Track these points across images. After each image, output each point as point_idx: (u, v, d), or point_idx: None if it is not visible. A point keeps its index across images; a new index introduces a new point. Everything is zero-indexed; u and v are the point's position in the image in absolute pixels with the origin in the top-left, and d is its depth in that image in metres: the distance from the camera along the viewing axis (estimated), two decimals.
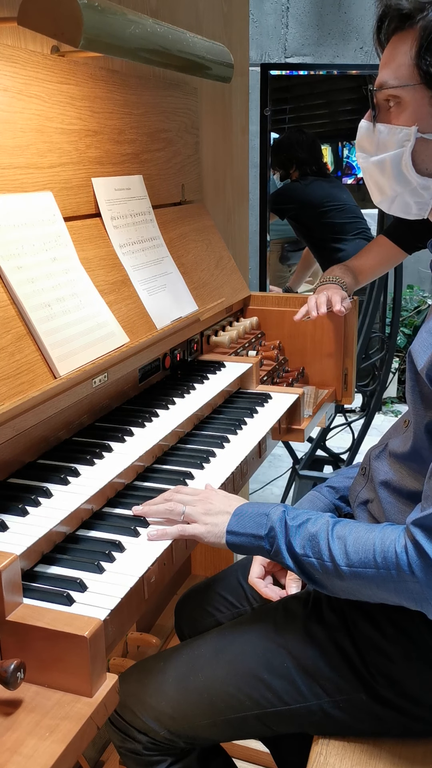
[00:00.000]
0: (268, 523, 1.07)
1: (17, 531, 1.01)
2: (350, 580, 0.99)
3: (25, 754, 0.77)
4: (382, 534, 0.99)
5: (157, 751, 1.22)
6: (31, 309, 1.21)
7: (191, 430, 1.50)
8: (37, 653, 0.85)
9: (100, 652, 0.86)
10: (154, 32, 1.35)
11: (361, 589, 1.00)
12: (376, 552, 0.97)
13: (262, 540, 1.07)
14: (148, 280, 1.60)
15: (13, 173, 1.29)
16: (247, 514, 1.11)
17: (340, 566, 0.99)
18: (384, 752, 1.11)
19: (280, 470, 3.70)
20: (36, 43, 1.37)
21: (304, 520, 1.06)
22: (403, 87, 1.02)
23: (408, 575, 0.94)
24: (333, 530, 1.03)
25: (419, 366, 1.02)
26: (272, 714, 1.15)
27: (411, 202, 1.10)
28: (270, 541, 1.07)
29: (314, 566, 1.03)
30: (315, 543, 1.03)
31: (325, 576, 1.02)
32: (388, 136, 1.06)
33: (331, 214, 3.42)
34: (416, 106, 1.02)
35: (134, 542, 1.08)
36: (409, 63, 1.00)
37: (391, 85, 1.03)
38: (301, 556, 1.04)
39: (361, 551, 0.99)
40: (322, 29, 4.82)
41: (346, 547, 1.00)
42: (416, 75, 1.00)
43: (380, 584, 0.97)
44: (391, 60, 1.03)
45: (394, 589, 0.97)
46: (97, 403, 1.41)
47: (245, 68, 2.47)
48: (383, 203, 1.14)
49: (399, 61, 1.02)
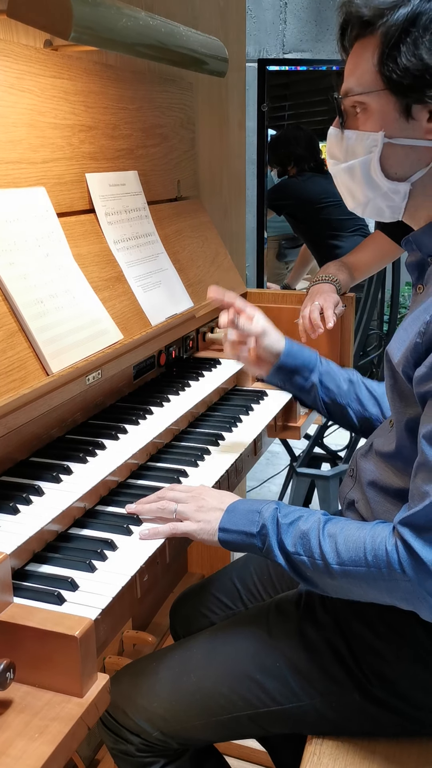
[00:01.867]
0: (260, 521, 1.07)
1: (8, 529, 1.00)
2: (341, 578, 0.99)
3: (14, 755, 0.76)
4: (372, 532, 0.99)
5: (150, 753, 1.21)
6: (24, 305, 1.19)
7: (186, 428, 1.49)
8: (28, 653, 0.84)
9: (91, 651, 0.85)
10: (147, 25, 1.34)
11: (352, 588, 1.00)
12: (367, 550, 0.97)
13: (253, 537, 1.07)
14: (143, 276, 1.59)
15: (5, 168, 1.27)
16: (239, 511, 1.10)
17: (331, 564, 0.99)
18: (378, 752, 1.10)
19: (278, 468, 3.69)
20: (29, 37, 1.35)
21: (296, 518, 1.06)
22: (368, 93, 1.02)
23: (399, 574, 0.94)
24: (324, 528, 1.02)
25: (395, 361, 1.02)
26: (265, 714, 1.14)
27: (383, 206, 1.09)
28: (262, 539, 1.06)
29: (305, 564, 1.02)
30: (306, 541, 1.02)
31: (317, 574, 1.01)
32: (356, 143, 1.06)
33: (329, 211, 3.40)
34: (382, 112, 1.02)
35: (127, 541, 1.07)
36: (372, 69, 1.00)
37: (356, 92, 1.03)
38: (293, 555, 1.03)
39: (351, 549, 0.98)
40: (320, 25, 4.80)
41: (337, 546, 0.99)
42: (380, 81, 1.00)
43: (371, 583, 0.97)
44: (355, 67, 1.03)
45: (385, 588, 0.96)
46: (90, 400, 1.40)
47: (242, 63, 2.45)
48: (357, 209, 1.14)
49: (362, 68, 1.01)
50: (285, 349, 1.40)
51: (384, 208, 1.10)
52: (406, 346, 0.99)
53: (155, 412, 1.44)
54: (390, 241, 2.01)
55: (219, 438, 1.42)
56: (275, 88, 3.37)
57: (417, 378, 0.97)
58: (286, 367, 1.42)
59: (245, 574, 1.43)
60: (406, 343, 1.00)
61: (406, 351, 0.99)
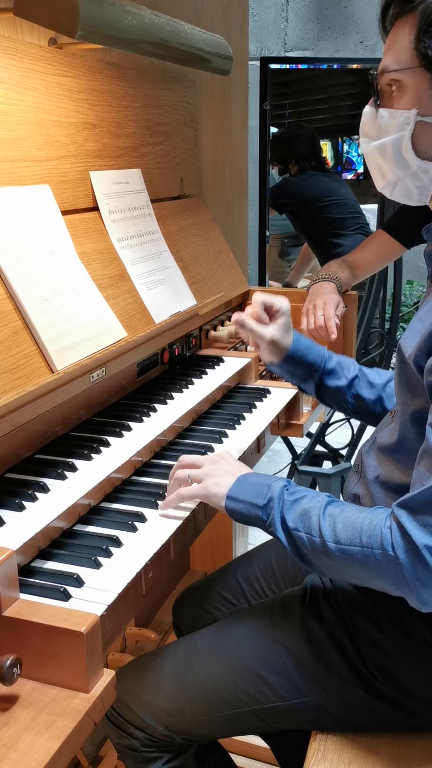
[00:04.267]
0: (269, 494, 1.07)
1: (14, 526, 1.00)
2: (336, 557, 0.99)
3: (21, 750, 0.77)
4: (371, 514, 1.00)
5: (155, 748, 1.22)
6: (29, 303, 1.20)
7: (190, 425, 1.49)
8: (34, 649, 0.85)
9: (97, 647, 0.85)
10: (152, 23, 1.34)
11: (345, 568, 1.00)
12: (363, 530, 0.97)
13: (259, 510, 1.07)
14: (147, 274, 1.59)
15: (10, 166, 1.28)
16: (249, 483, 1.11)
17: (327, 542, 0.99)
18: (382, 748, 1.11)
19: (280, 466, 3.69)
20: (33, 35, 1.36)
21: (301, 496, 1.06)
22: (403, 70, 1.02)
23: (391, 557, 0.94)
24: (326, 508, 1.03)
25: (407, 353, 1.02)
26: (269, 710, 1.14)
27: (412, 187, 1.10)
28: (267, 512, 1.07)
29: (303, 541, 1.03)
30: (306, 518, 1.03)
31: (313, 551, 1.02)
32: (389, 120, 1.06)
33: (330, 209, 3.41)
34: (416, 89, 1.02)
35: (132, 537, 1.08)
36: (409, 46, 1.01)
37: (391, 69, 1.04)
38: (293, 530, 1.04)
39: (348, 529, 0.99)
40: (322, 23, 4.80)
41: (335, 525, 1.00)
42: (416, 58, 1.00)
43: (363, 564, 0.97)
44: (393, 45, 1.04)
45: (375, 569, 0.96)
46: (94, 397, 1.40)
47: (244, 62, 2.46)
48: (385, 189, 1.14)
49: (400, 45, 1.02)
50: (290, 352, 1.36)
51: (412, 189, 1.10)
52: (420, 335, 0.99)
53: (159, 409, 1.44)
54: (392, 240, 2.01)
55: (222, 435, 1.43)
56: (276, 86, 3.37)
57: (429, 367, 0.97)
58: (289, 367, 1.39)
59: (248, 571, 1.43)
60: (420, 333, 1.00)
61: (420, 341, 0.99)
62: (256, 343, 1.35)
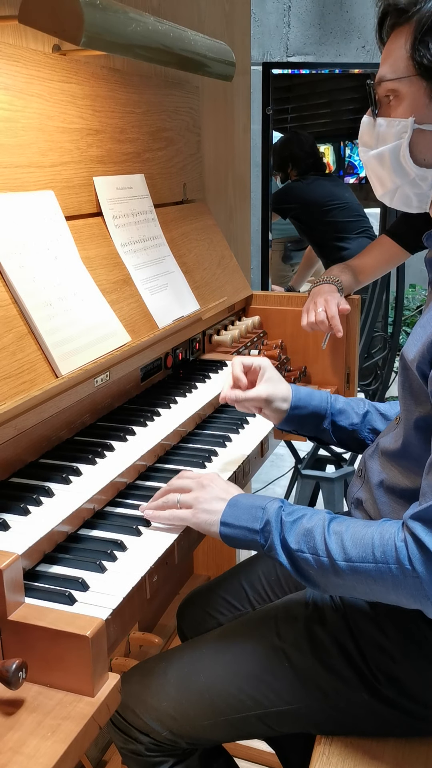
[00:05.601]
0: (264, 517, 1.05)
1: (19, 530, 1.01)
2: (347, 575, 0.97)
3: (27, 753, 0.77)
4: (381, 528, 0.98)
5: (159, 752, 1.22)
6: (33, 308, 1.20)
7: (193, 430, 1.50)
8: (39, 653, 0.85)
9: (102, 651, 0.85)
10: (155, 30, 1.35)
11: (357, 586, 0.98)
12: (375, 546, 0.96)
13: (257, 534, 1.05)
14: (150, 279, 1.60)
15: (15, 172, 1.28)
16: (242, 506, 1.08)
17: (337, 561, 0.97)
18: (387, 752, 1.11)
19: (283, 470, 3.69)
20: (37, 42, 1.37)
21: (300, 516, 1.04)
22: (400, 79, 1.03)
23: (408, 570, 0.92)
24: (329, 525, 1.01)
25: (409, 358, 1.02)
26: (274, 714, 1.14)
27: (411, 194, 1.10)
28: (265, 535, 1.05)
29: (309, 562, 1.00)
30: (310, 538, 1.01)
31: (320, 572, 1.00)
32: (387, 129, 1.07)
33: (334, 213, 3.41)
34: (413, 98, 1.03)
35: (136, 542, 1.08)
36: (405, 56, 1.02)
37: (388, 78, 1.05)
38: (296, 552, 1.02)
39: (359, 545, 0.97)
40: (324, 28, 4.81)
41: (344, 542, 0.98)
42: (411, 67, 1.02)
43: (378, 579, 0.95)
44: (389, 55, 1.05)
45: (392, 585, 0.95)
46: (98, 402, 1.41)
47: (247, 67, 2.46)
48: (385, 197, 1.15)
49: (396, 55, 1.03)
50: (292, 402, 1.34)
51: (411, 196, 1.11)
52: (423, 342, 0.99)
53: (163, 413, 1.45)
54: (395, 245, 2.01)
55: (226, 440, 1.43)
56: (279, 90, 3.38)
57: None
58: (297, 417, 1.36)
59: (252, 575, 1.43)
60: (423, 339, 0.99)
61: (422, 348, 0.99)
62: (260, 408, 1.34)
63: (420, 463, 1.04)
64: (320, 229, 3.46)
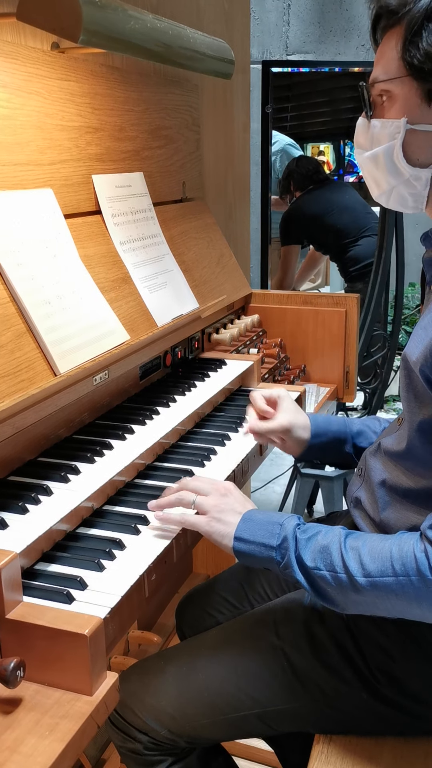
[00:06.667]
0: (282, 533, 1.03)
1: (17, 529, 1.00)
2: (367, 591, 0.95)
3: (25, 752, 0.77)
4: (399, 540, 0.96)
5: (158, 751, 1.22)
6: (32, 306, 1.20)
7: (192, 428, 1.49)
8: (37, 651, 0.85)
9: (101, 650, 0.85)
10: (154, 28, 1.34)
11: (377, 602, 0.96)
12: (394, 559, 0.94)
13: (273, 551, 1.03)
14: (149, 277, 1.60)
15: (13, 170, 1.28)
16: (257, 521, 1.06)
17: (356, 577, 0.95)
18: (386, 751, 1.11)
19: (282, 468, 3.69)
20: (36, 40, 1.36)
21: (315, 533, 1.02)
22: (392, 80, 1.04)
23: (430, 581, 0.91)
24: (346, 542, 0.99)
25: (412, 360, 1.02)
26: (273, 713, 1.14)
27: (406, 195, 1.10)
28: (282, 552, 1.02)
29: (326, 580, 0.98)
30: (327, 555, 0.99)
31: (339, 589, 0.98)
32: (381, 130, 1.07)
33: (335, 218, 3.43)
34: (405, 99, 1.03)
35: (135, 540, 1.08)
36: (396, 57, 1.02)
37: (381, 79, 1.05)
38: (312, 570, 0.99)
39: (377, 560, 0.95)
40: (323, 27, 4.81)
41: (361, 558, 0.96)
42: (403, 68, 1.02)
43: (399, 593, 0.93)
44: (382, 56, 1.05)
45: (414, 597, 0.93)
46: (97, 400, 1.40)
47: (246, 65, 2.46)
48: (381, 197, 1.15)
49: (388, 57, 1.04)
50: (312, 430, 1.33)
51: (407, 197, 1.11)
52: (425, 345, 0.98)
53: (162, 412, 1.44)
54: None
55: (225, 438, 1.43)
56: (279, 89, 3.38)
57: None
58: (318, 445, 1.35)
59: (251, 574, 1.43)
60: (425, 342, 0.99)
61: (425, 351, 0.98)
62: (282, 438, 1.34)
63: (424, 464, 1.04)
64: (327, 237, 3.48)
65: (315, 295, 2.09)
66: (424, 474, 1.03)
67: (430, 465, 1.02)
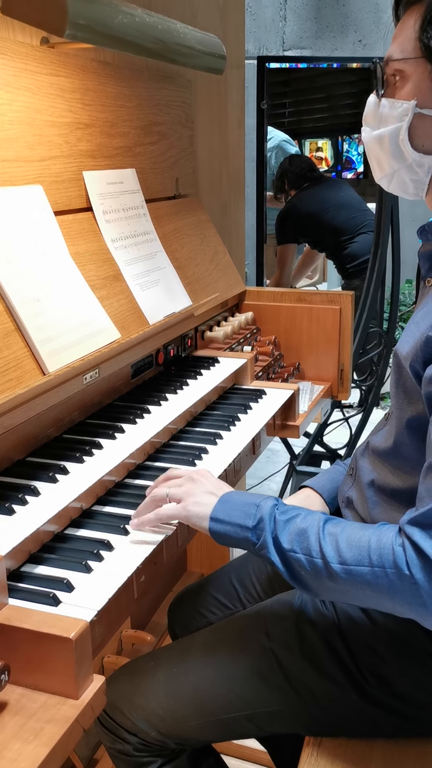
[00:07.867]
0: (258, 514, 1.02)
1: (3, 530, 0.99)
2: (341, 579, 0.94)
3: (9, 758, 0.76)
4: (378, 531, 0.95)
5: (148, 752, 1.21)
6: (20, 304, 1.19)
7: (184, 427, 1.48)
8: (23, 655, 0.84)
9: (87, 653, 0.84)
10: (143, 22, 1.33)
11: (350, 590, 0.95)
12: (371, 549, 0.92)
13: (248, 531, 1.02)
14: (141, 275, 1.58)
15: (2, 166, 1.27)
16: (234, 502, 1.05)
17: (331, 563, 0.94)
18: (376, 752, 1.10)
19: (278, 466, 3.68)
20: (25, 34, 1.35)
21: (294, 515, 1.01)
22: (406, 60, 1.02)
23: (406, 576, 0.89)
24: (324, 527, 0.98)
25: (402, 355, 1.00)
26: (263, 714, 1.13)
27: (408, 180, 1.09)
28: (257, 533, 1.01)
29: (301, 563, 0.97)
30: (304, 538, 0.97)
31: (313, 574, 0.97)
32: (389, 111, 1.06)
33: (331, 215, 3.42)
34: (417, 81, 1.02)
35: (124, 541, 1.07)
36: (413, 36, 1.00)
37: (395, 58, 1.03)
38: (288, 552, 0.98)
39: (354, 548, 0.94)
40: (320, 22, 4.79)
41: (338, 544, 0.95)
42: (419, 48, 1.00)
43: (373, 584, 0.92)
44: (400, 33, 1.03)
45: (387, 589, 0.91)
46: (88, 399, 1.39)
47: (241, 61, 2.44)
48: (383, 180, 1.14)
49: (405, 35, 1.02)
50: (326, 499, 1.33)
51: (408, 182, 1.09)
52: (416, 339, 0.97)
53: (153, 411, 1.43)
54: None
55: (217, 437, 1.42)
56: (275, 85, 3.37)
57: (427, 378, 0.94)
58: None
59: (243, 574, 1.42)
60: (416, 336, 0.97)
61: (416, 345, 0.97)
62: None
63: (411, 462, 1.03)
64: (324, 235, 3.47)
65: (309, 293, 2.08)
66: (411, 472, 1.02)
67: (416, 463, 1.01)
